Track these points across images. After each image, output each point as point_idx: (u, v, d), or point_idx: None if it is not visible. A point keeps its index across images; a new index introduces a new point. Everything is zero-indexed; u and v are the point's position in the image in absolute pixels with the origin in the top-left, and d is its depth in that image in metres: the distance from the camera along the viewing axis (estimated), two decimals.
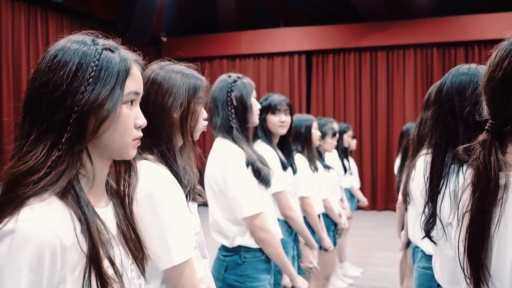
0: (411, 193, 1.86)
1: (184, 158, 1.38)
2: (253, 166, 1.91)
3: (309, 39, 9.26)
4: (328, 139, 3.63)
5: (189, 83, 1.35)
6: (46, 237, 0.77)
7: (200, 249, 1.39)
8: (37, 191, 0.80)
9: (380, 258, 5.53)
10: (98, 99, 0.84)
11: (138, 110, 0.94)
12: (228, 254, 1.95)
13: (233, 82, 1.98)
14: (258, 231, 1.89)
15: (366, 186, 8.99)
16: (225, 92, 1.96)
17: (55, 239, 0.78)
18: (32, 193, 0.79)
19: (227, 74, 2.06)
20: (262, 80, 9.64)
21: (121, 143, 0.90)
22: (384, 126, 9.14)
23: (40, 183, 0.80)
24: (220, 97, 1.96)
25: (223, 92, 1.96)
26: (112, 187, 1.01)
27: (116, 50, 0.91)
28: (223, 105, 1.95)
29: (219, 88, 1.99)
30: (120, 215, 0.98)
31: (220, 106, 1.95)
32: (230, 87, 1.97)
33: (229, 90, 1.96)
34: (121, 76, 0.88)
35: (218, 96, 1.97)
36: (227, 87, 1.97)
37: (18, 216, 0.77)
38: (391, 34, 8.84)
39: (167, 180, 1.26)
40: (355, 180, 5.21)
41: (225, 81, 2.00)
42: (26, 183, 0.80)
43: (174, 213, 1.23)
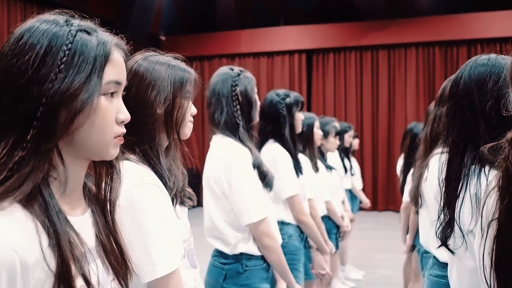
0: (423, 195, 1.74)
1: (169, 158, 1.25)
2: (259, 169, 1.78)
3: (309, 38, 9.15)
4: (330, 139, 3.52)
5: (175, 76, 1.22)
6: (2, 253, 0.64)
7: (189, 258, 1.26)
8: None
9: (383, 260, 5.42)
10: (70, 89, 0.71)
11: (120, 102, 0.81)
12: (228, 262, 1.80)
13: (237, 76, 1.82)
14: (263, 237, 1.75)
15: (367, 187, 8.87)
16: (229, 86, 1.80)
17: (14, 255, 0.65)
18: None
19: (229, 66, 1.89)
20: (262, 79, 9.51)
21: (99, 141, 0.77)
22: (385, 126, 9.03)
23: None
24: (224, 92, 1.79)
25: (226, 86, 1.80)
26: (91, 191, 0.88)
27: (93, 32, 0.77)
28: (227, 100, 1.79)
29: (221, 81, 1.82)
30: (100, 224, 0.85)
31: (225, 101, 1.79)
32: (234, 80, 1.81)
33: (233, 84, 1.80)
34: (98, 62, 0.75)
35: (221, 90, 1.80)
36: (231, 80, 1.81)
37: None
38: (393, 32, 8.73)
39: (150, 182, 1.13)
40: (357, 180, 5.09)
41: (228, 74, 1.83)
42: None
43: (157, 220, 1.10)
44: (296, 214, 2.37)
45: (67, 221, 0.75)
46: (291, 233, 2.39)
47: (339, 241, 3.59)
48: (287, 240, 2.37)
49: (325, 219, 3.25)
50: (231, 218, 1.76)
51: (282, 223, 2.40)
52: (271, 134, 2.39)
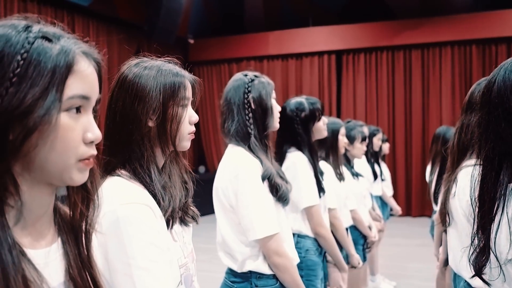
0: (451, 212, 1.57)
1: (165, 174, 1.14)
2: (270, 181, 1.66)
3: (339, 38, 8.93)
4: (357, 144, 3.34)
5: (165, 82, 1.10)
6: None
7: (186, 285, 1.13)
8: None
9: (415, 270, 5.17)
10: (21, 105, 0.61)
11: (89, 120, 0.70)
12: (237, 280, 1.68)
13: (250, 82, 1.72)
14: (273, 255, 1.62)
15: (400, 192, 8.58)
16: (241, 93, 1.70)
17: None
18: None
19: (243, 72, 1.79)
20: (290, 81, 9.37)
21: (61, 164, 0.67)
22: (419, 129, 8.69)
23: None
24: (236, 99, 1.70)
25: (238, 93, 1.70)
26: (64, 218, 0.77)
27: (56, 39, 0.67)
28: (239, 108, 1.69)
29: (234, 89, 1.73)
30: (71, 257, 0.74)
31: (236, 109, 1.69)
32: (247, 87, 1.71)
33: (246, 91, 1.70)
34: (58, 74, 0.64)
35: (233, 97, 1.71)
36: (244, 87, 1.71)
37: None
38: (427, 31, 8.39)
39: (138, 201, 1.02)
40: (387, 186, 4.87)
41: (241, 81, 1.74)
42: None
43: (144, 244, 0.99)
44: (314, 226, 2.23)
45: (23, 256, 0.64)
46: (309, 246, 2.25)
47: (366, 253, 3.40)
48: (304, 254, 2.23)
49: (351, 229, 3.09)
50: (240, 233, 1.65)
51: (299, 235, 2.26)
52: (291, 142, 2.27)
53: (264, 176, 1.64)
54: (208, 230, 2.07)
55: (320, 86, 9.25)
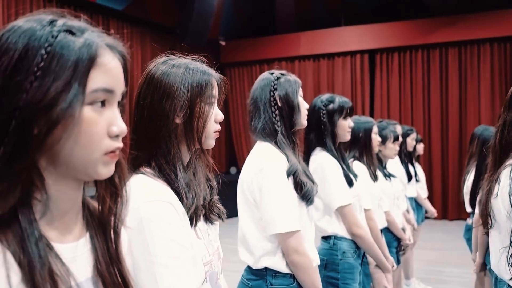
0: (494, 214, 1.49)
1: (190, 171, 1.13)
2: (295, 178, 1.63)
3: (372, 37, 8.77)
4: (389, 144, 3.24)
5: (193, 80, 1.10)
6: None
7: (211, 283, 1.12)
8: None
9: (452, 274, 5.00)
10: (44, 99, 0.61)
11: (113, 113, 0.69)
12: (252, 278, 1.65)
13: (276, 80, 1.72)
14: (292, 253, 1.58)
15: (436, 194, 8.34)
16: (268, 91, 1.71)
17: None
18: None
19: (269, 71, 1.80)
20: (322, 82, 9.28)
21: (85, 158, 0.66)
22: (456, 129, 8.42)
23: None
24: (262, 97, 1.71)
25: (265, 92, 1.71)
26: (93, 213, 0.77)
27: (80, 32, 0.66)
28: (265, 106, 1.70)
29: (260, 87, 1.74)
30: (99, 252, 0.74)
31: (262, 107, 1.70)
32: (273, 85, 1.71)
33: (272, 89, 1.70)
34: (80, 67, 0.63)
35: (259, 96, 1.72)
36: (270, 85, 1.71)
37: None
38: (464, 28, 8.13)
39: (160, 199, 1.02)
40: (422, 188, 4.72)
41: (267, 79, 1.74)
42: None
43: (167, 241, 0.98)
44: (349, 227, 2.17)
45: (50, 250, 0.64)
46: (345, 248, 2.19)
47: (400, 256, 3.30)
48: (340, 257, 2.17)
49: (384, 231, 3.01)
50: (260, 227, 1.62)
51: (335, 237, 2.21)
52: (315, 142, 2.25)
53: (289, 172, 1.62)
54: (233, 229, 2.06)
55: (352, 86, 9.11)
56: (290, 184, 1.63)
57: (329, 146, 2.22)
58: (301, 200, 1.66)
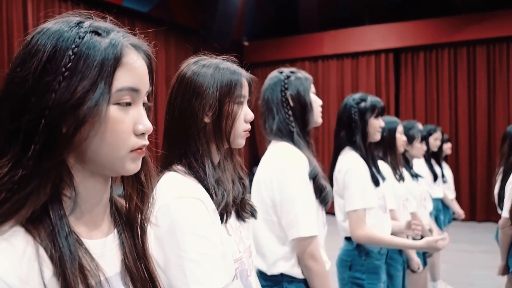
0: None
1: (219, 169, 1.14)
2: (316, 181, 1.60)
3: (397, 36, 8.64)
4: (416, 144, 3.20)
5: (222, 79, 1.11)
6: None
7: (242, 279, 1.12)
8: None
9: (480, 277, 4.88)
10: (72, 98, 0.63)
11: (139, 112, 0.71)
12: (266, 284, 1.61)
13: (286, 79, 1.69)
14: (308, 258, 1.55)
15: (463, 195, 8.16)
16: (279, 91, 1.68)
17: None
18: None
19: (278, 70, 1.76)
20: (346, 82, 9.19)
21: (112, 155, 0.68)
22: (484, 129, 8.22)
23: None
24: (273, 98, 1.68)
25: (276, 92, 1.68)
26: (120, 210, 0.79)
27: (106, 32, 0.68)
28: (278, 106, 1.67)
29: (270, 87, 1.71)
30: (127, 248, 0.75)
31: (275, 108, 1.67)
32: (283, 84, 1.68)
33: (282, 89, 1.67)
34: (106, 67, 0.65)
35: (270, 96, 1.69)
36: (280, 84, 1.68)
37: None
38: (492, 25, 7.92)
39: (191, 196, 1.04)
40: (449, 189, 4.63)
41: (277, 78, 1.71)
42: None
43: (197, 237, 1.00)
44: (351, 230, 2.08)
45: (80, 245, 0.66)
46: (369, 249, 2.16)
47: (427, 257, 3.25)
48: (364, 257, 2.15)
49: None
50: (275, 231, 1.58)
51: None
52: (345, 141, 2.22)
53: (311, 175, 1.60)
54: None
55: (377, 86, 8.99)
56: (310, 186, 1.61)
57: (359, 144, 2.19)
58: (319, 203, 1.64)
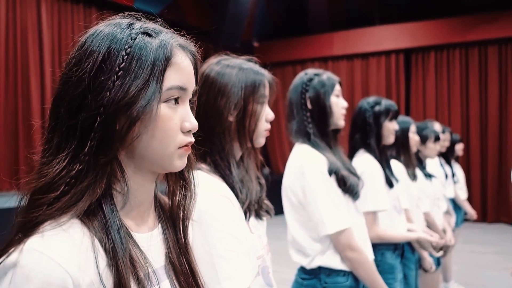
0: None
1: (242, 168, 1.17)
2: (337, 174, 1.63)
3: (408, 36, 8.62)
4: (429, 144, 3.21)
5: (246, 79, 1.14)
6: (52, 273, 0.59)
7: (264, 276, 1.16)
8: (52, 214, 0.63)
9: (491, 278, 4.86)
10: (126, 96, 0.65)
11: (186, 110, 0.73)
12: (306, 277, 1.67)
13: (309, 81, 1.72)
14: (345, 249, 1.60)
15: (475, 196, 8.11)
16: (299, 93, 1.71)
17: (65, 276, 0.60)
18: (46, 217, 0.63)
19: (305, 71, 1.79)
20: (356, 82, 9.19)
21: (161, 152, 0.70)
22: (495, 129, 8.16)
23: (55, 204, 0.64)
24: (294, 99, 1.72)
25: (297, 93, 1.72)
26: (164, 206, 0.82)
27: (155, 33, 0.70)
28: (297, 107, 1.70)
29: (294, 89, 1.74)
30: (171, 242, 0.78)
31: (295, 109, 1.71)
32: (304, 86, 1.71)
33: (303, 91, 1.71)
34: (157, 66, 0.68)
35: (292, 97, 1.73)
36: (301, 86, 1.72)
37: (24, 246, 0.61)
38: (504, 25, 7.87)
39: (219, 194, 1.07)
40: (461, 189, 4.62)
41: (300, 80, 1.75)
42: (40, 203, 0.64)
43: (225, 234, 1.03)
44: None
45: (130, 238, 0.69)
46: (384, 249, 2.18)
47: (440, 258, 3.25)
48: (379, 257, 2.17)
49: None
50: (310, 229, 1.64)
51: None
52: (359, 143, 2.25)
53: (330, 170, 1.63)
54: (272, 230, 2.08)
55: (387, 86, 8.98)
56: (332, 182, 1.64)
57: (373, 147, 2.21)
58: (347, 194, 1.66)
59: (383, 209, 2.10)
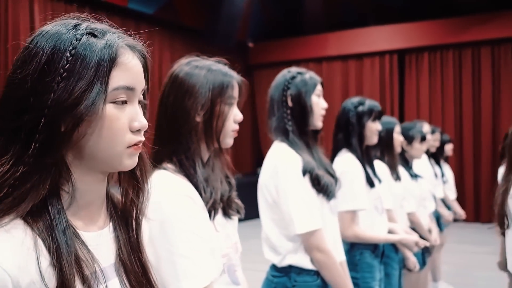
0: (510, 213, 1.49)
1: (208, 167, 1.19)
2: (311, 174, 1.64)
3: (402, 37, 8.65)
4: (416, 144, 3.22)
5: (215, 80, 1.16)
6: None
7: (229, 274, 1.18)
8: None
9: (482, 278, 4.88)
10: (70, 98, 0.66)
11: (135, 109, 0.74)
12: (277, 275, 1.68)
13: (291, 79, 1.73)
14: (313, 250, 1.61)
15: (468, 196, 8.14)
16: (281, 90, 1.72)
17: (5, 276, 0.61)
18: None
19: (288, 69, 1.81)
20: (350, 83, 9.21)
21: (110, 151, 0.71)
22: (488, 130, 8.19)
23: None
24: (276, 96, 1.73)
25: (278, 90, 1.73)
26: (117, 205, 0.83)
27: (102, 34, 0.71)
28: (278, 104, 1.72)
29: (275, 85, 1.76)
30: (122, 241, 0.79)
31: (276, 105, 1.72)
32: (286, 84, 1.72)
33: (285, 88, 1.72)
34: (102, 67, 0.68)
35: (273, 94, 1.75)
36: (283, 84, 1.73)
37: None
38: (496, 26, 7.91)
39: (182, 193, 1.08)
40: (450, 189, 4.64)
41: (283, 77, 1.76)
42: None
43: (187, 233, 1.04)
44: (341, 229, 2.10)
45: (77, 238, 0.70)
46: (363, 249, 2.20)
47: (426, 257, 3.27)
48: (358, 257, 2.19)
49: None
50: (282, 227, 1.65)
51: None
52: (342, 143, 2.26)
53: (304, 170, 1.63)
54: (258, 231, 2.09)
55: (381, 87, 9.00)
56: (306, 182, 1.64)
57: (355, 147, 2.23)
58: (321, 195, 1.67)
59: (362, 208, 2.11)
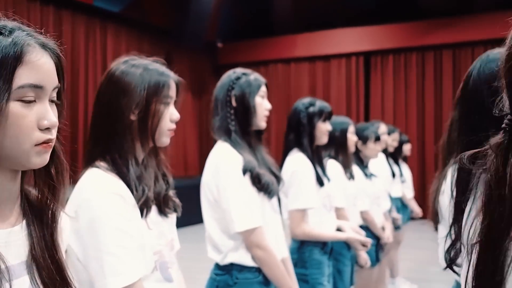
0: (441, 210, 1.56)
1: (141, 166, 1.20)
2: (252, 173, 1.67)
3: (368, 39, 8.85)
4: (370, 144, 3.31)
5: (150, 79, 1.18)
6: None
7: (162, 271, 1.19)
8: None
9: (439, 273, 5.02)
10: None
11: (44, 107, 0.74)
12: (219, 273, 1.71)
13: (236, 79, 1.75)
14: (254, 248, 1.64)
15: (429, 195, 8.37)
16: (225, 90, 1.75)
17: None
18: None
19: (233, 70, 1.83)
20: (318, 84, 9.35)
21: (16, 149, 0.71)
22: None
23: None
24: (220, 96, 1.75)
25: (223, 90, 1.75)
26: (33, 202, 0.82)
27: (9, 32, 0.71)
28: (222, 104, 1.74)
29: (220, 85, 1.78)
30: (35, 239, 0.79)
31: (220, 105, 1.74)
32: (231, 84, 1.75)
33: (229, 88, 1.74)
34: (6, 65, 0.68)
35: (218, 94, 1.77)
36: (228, 84, 1.75)
37: None
38: (458, 30, 8.18)
39: (111, 191, 1.10)
40: (408, 188, 4.78)
41: (228, 78, 1.78)
42: None
43: (114, 231, 1.06)
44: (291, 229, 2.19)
45: None
46: (312, 246, 2.26)
47: (380, 254, 3.37)
48: (308, 254, 2.24)
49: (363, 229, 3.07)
50: (223, 226, 1.68)
51: None
52: (293, 143, 2.32)
53: (244, 169, 1.66)
54: None
55: (347, 88, 9.18)
56: (247, 180, 1.67)
57: (306, 147, 2.28)
58: (262, 193, 1.70)
59: (311, 207, 2.16)
